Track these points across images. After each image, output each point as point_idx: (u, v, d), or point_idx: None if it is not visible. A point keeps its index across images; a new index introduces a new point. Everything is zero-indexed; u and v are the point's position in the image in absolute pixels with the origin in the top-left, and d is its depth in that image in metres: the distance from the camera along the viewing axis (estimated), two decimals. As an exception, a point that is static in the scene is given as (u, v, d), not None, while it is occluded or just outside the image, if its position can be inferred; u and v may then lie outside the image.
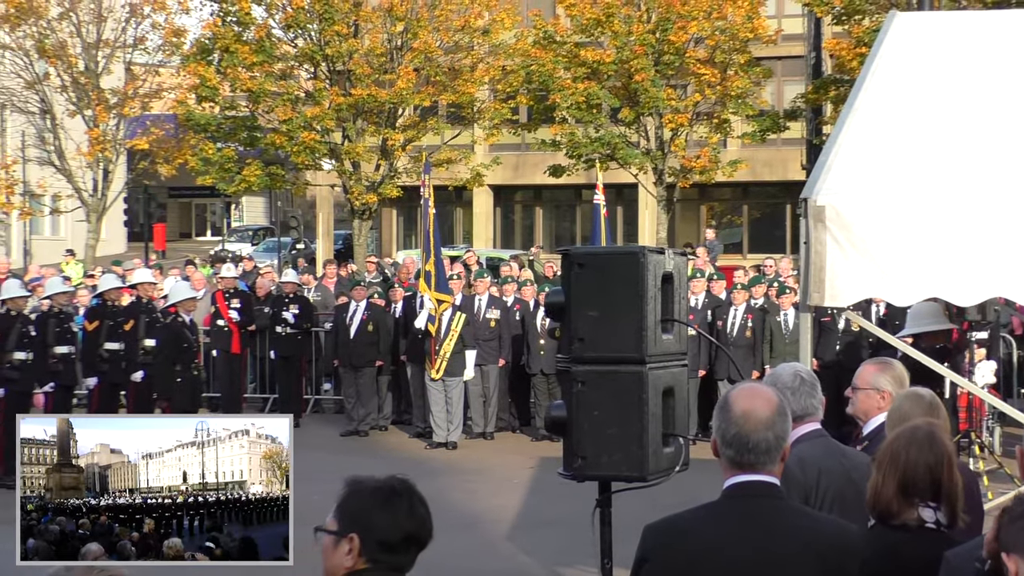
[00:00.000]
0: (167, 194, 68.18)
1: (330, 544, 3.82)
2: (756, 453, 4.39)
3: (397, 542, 3.80)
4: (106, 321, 18.56)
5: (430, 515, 3.88)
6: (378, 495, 3.82)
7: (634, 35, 36.79)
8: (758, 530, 4.36)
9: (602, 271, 7.17)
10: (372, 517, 3.79)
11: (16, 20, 42.08)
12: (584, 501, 7.72)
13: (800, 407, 5.92)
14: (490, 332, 20.50)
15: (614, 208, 48.26)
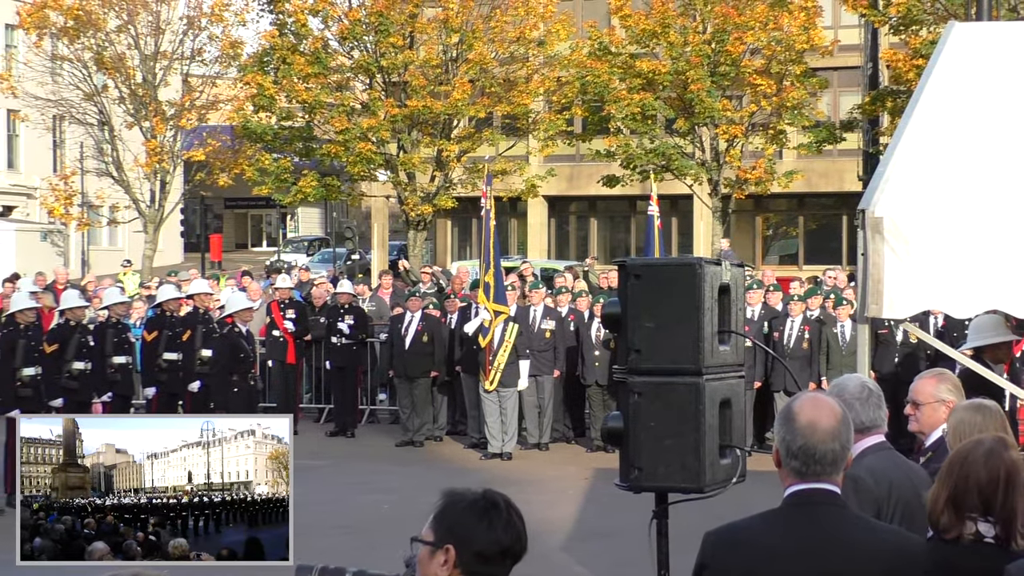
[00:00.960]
0: (223, 205, 68.65)
1: (426, 555, 3.82)
2: (823, 464, 4.37)
3: (493, 555, 3.79)
4: (164, 331, 18.68)
5: (525, 529, 3.87)
6: (476, 508, 3.82)
7: (690, 46, 36.73)
8: (819, 538, 4.34)
9: (659, 282, 7.15)
10: (469, 529, 3.79)
11: (75, 32, 42.46)
12: (640, 512, 7.69)
13: (869, 419, 5.88)
14: (545, 343, 20.48)
15: (669, 219, 48.14)
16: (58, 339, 17.26)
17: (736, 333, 7.34)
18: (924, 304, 9.44)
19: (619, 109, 36.95)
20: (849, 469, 4.53)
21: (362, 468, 18.86)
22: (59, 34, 43.16)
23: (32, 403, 16.56)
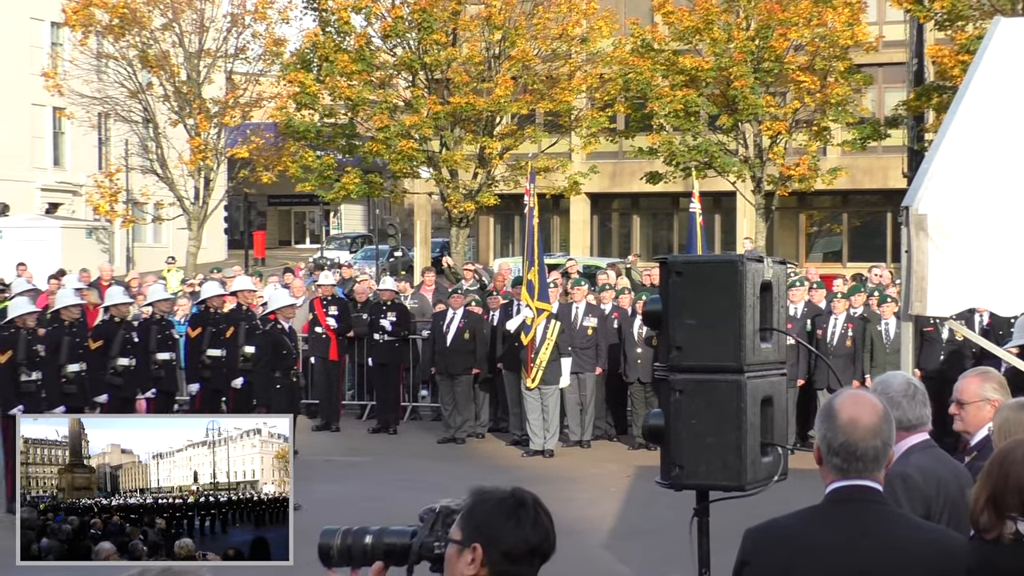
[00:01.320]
0: (267, 202, 68.89)
1: (454, 553, 3.81)
2: (864, 461, 4.35)
3: (521, 554, 3.77)
4: (208, 328, 18.76)
5: (554, 528, 3.86)
6: (503, 506, 3.80)
7: (733, 42, 36.63)
8: (861, 534, 4.32)
9: (700, 279, 7.13)
10: (497, 528, 3.77)
11: (120, 31, 42.69)
12: (681, 510, 7.68)
13: (915, 416, 5.84)
14: (587, 340, 20.45)
15: (712, 216, 48.02)
16: (103, 336, 17.37)
17: (778, 331, 7.32)
18: (968, 302, 9.39)
19: (662, 106, 36.88)
20: (896, 467, 4.51)
21: (404, 465, 18.89)
22: (104, 32, 43.39)
23: (77, 399, 16.67)
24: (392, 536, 4.07)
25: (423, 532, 3.95)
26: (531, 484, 14.14)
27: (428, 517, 3.96)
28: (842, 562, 4.29)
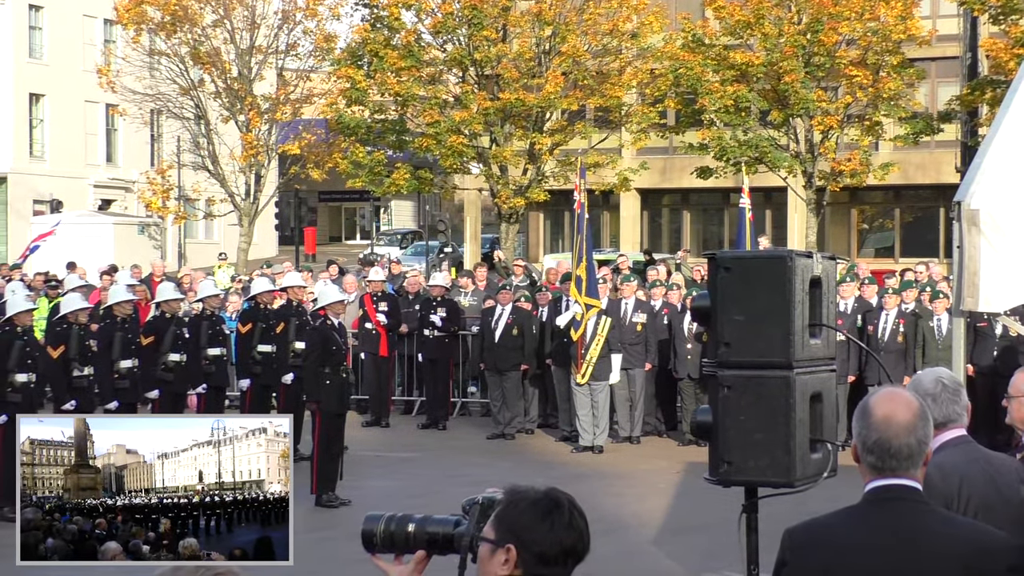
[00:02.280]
0: (317, 198, 69.15)
1: (487, 553, 3.79)
2: (898, 459, 4.32)
3: (555, 555, 3.75)
4: (258, 324, 18.82)
5: (588, 528, 3.83)
6: (538, 507, 3.77)
7: (784, 37, 36.45)
8: (899, 534, 4.29)
9: (749, 275, 7.10)
10: (531, 529, 3.74)
11: (172, 28, 42.97)
12: (730, 506, 7.66)
13: (942, 414, 5.78)
14: (636, 336, 20.41)
15: (762, 212, 47.82)
16: (154, 331, 17.47)
17: (827, 326, 7.28)
18: (1021, 297, 9.31)
19: (712, 101, 36.75)
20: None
21: (453, 461, 18.92)
22: (156, 29, 43.68)
23: (129, 395, 16.79)
24: (435, 525, 4.07)
25: (471, 524, 3.94)
26: (580, 480, 14.20)
27: (473, 509, 3.95)
28: (879, 561, 4.27)
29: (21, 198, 55.70)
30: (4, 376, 15.15)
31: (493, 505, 3.86)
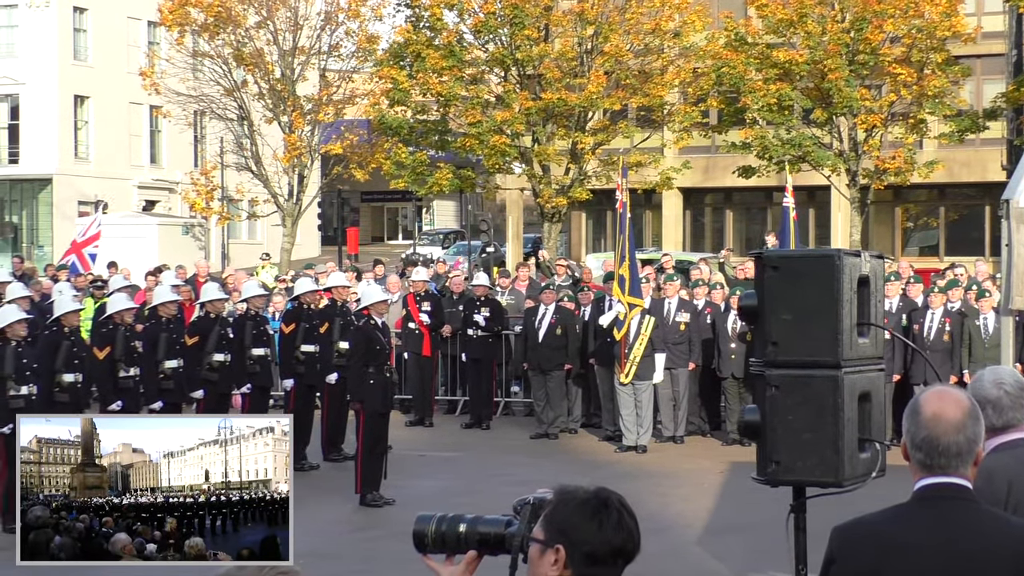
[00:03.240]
0: (360, 198, 69.30)
1: (536, 553, 3.78)
2: (947, 456, 4.29)
3: (604, 555, 3.74)
4: (302, 324, 18.86)
5: (638, 528, 3.82)
6: (586, 507, 3.76)
7: (827, 35, 36.28)
8: (948, 532, 4.26)
9: (797, 274, 7.08)
10: (579, 529, 3.73)
11: (215, 29, 43.11)
12: (777, 506, 7.62)
13: (1002, 420, 5.72)
14: (680, 335, 20.36)
15: (806, 210, 47.65)
16: (199, 332, 17.53)
17: (875, 325, 7.24)
18: (1071, 296, 9.23)
19: (755, 100, 36.62)
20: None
21: (497, 460, 18.92)
22: (200, 31, 43.84)
23: (174, 395, 16.86)
24: (486, 525, 4.06)
25: (522, 524, 3.94)
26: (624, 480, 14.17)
27: (524, 509, 3.94)
28: (931, 560, 4.24)
29: (67, 199, 56.09)
30: (52, 376, 15.24)
31: (544, 505, 3.85)
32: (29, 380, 14.88)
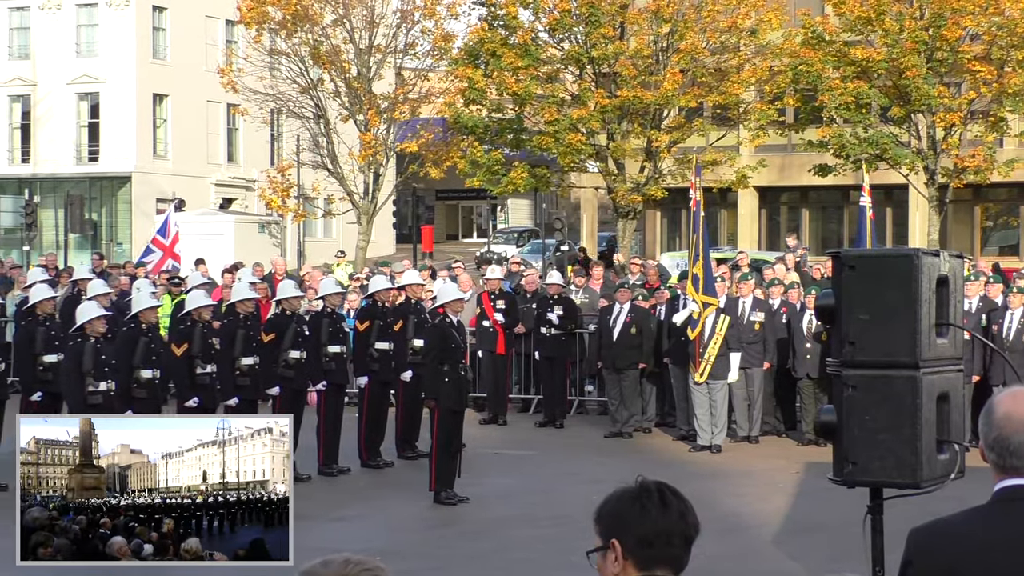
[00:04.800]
0: (435, 196, 69.51)
1: (600, 559, 3.82)
2: (1019, 456, 4.24)
3: (654, 537, 3.76)
4: (376, 321, 18.92)
5: (690, 508, 3.83)
6: (627, 495, 3.82)
7: (905, 32, 35.98)
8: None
9: (874, 273, 7.02)
10: (624, 516, 3.78)
11: (292, 27, 43.38)
12: (853, 507, 7.57)
13: None
14: (754, 335, 20.26)
15: (883, 209, 47.27)
16: (275, 329, 17.62)
17: (954, 326, 7.17)
18: None
19: (832, 98, 36.39)
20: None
21: (571, 459, 18.90)
22: (277, 29, 44.13)
23: (250, 392, 16.97)
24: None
25: None
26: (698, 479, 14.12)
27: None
28: (1007, 562, 4.19)
29: (145, 197, 56.66)
30: (130, 373, 15.39)
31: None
32: (107, 376, 15.06)
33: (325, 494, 16.49)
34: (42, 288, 17.69)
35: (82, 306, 15.84)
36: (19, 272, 27.43)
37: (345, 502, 16.10)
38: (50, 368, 16.69)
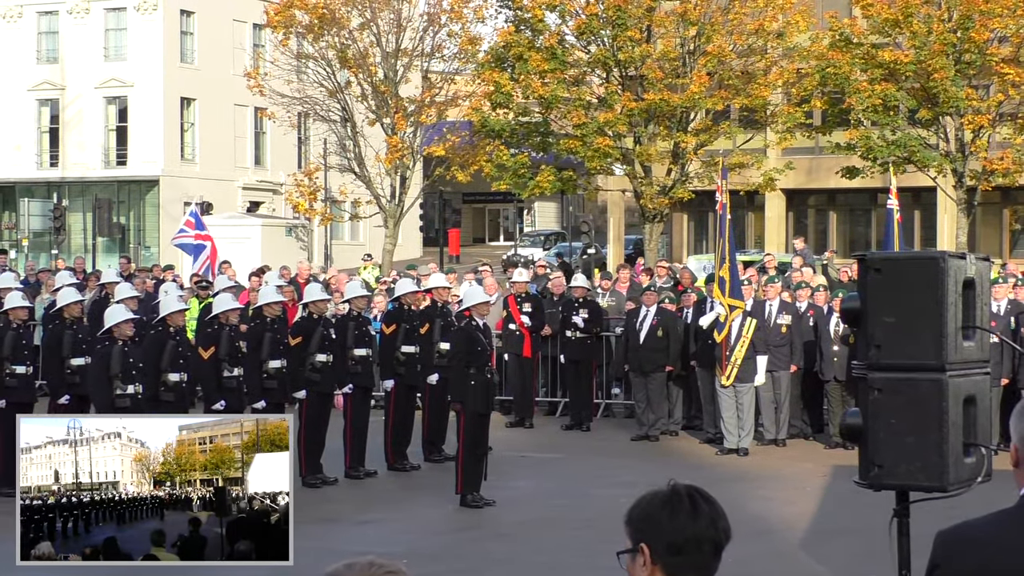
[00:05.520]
0: (461, 199, 69.58)
1: (629, 562, 3.81)
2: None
3: (683, 543, 3.74)
4: (403, 324, 18.95)
5: (722, 514, 3.80)
6: (656, 499, 3.79)
7: (933, 34, 35.84)
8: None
9: (900, 276, 7.00)
10: (653, 521, 3.76)
11: (319, 31, 43.46)
12: (880, 510, 7.54)
13: None
14: (781, 338, 20.22)
15: (911, 212, 47.11)
16: (302, 332, 17.65)
17: (981, 328, 7.15)
18: None
19: (860, 100, 36.25)
20: None
21: (597, 462, 18.89)
22: (304, 33, 44.22)
23: (277, 395, 17.00)
24: None
25: None
26: (725, 482, 14.08)
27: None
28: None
29: (173, 200, 56.85)
30: (157, 376, 15.45)
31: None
32: (135, 379, 15.12)
33: (352, 497, 16.54)
34: (70, 291, 17.76)
35: (110, 309, 15.90)
36: (47, 275, 27.53)
37: (372, 505, 16.13)
38: (77, 371, 16.76)
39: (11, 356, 16.33)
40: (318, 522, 14.82)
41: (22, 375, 16.42)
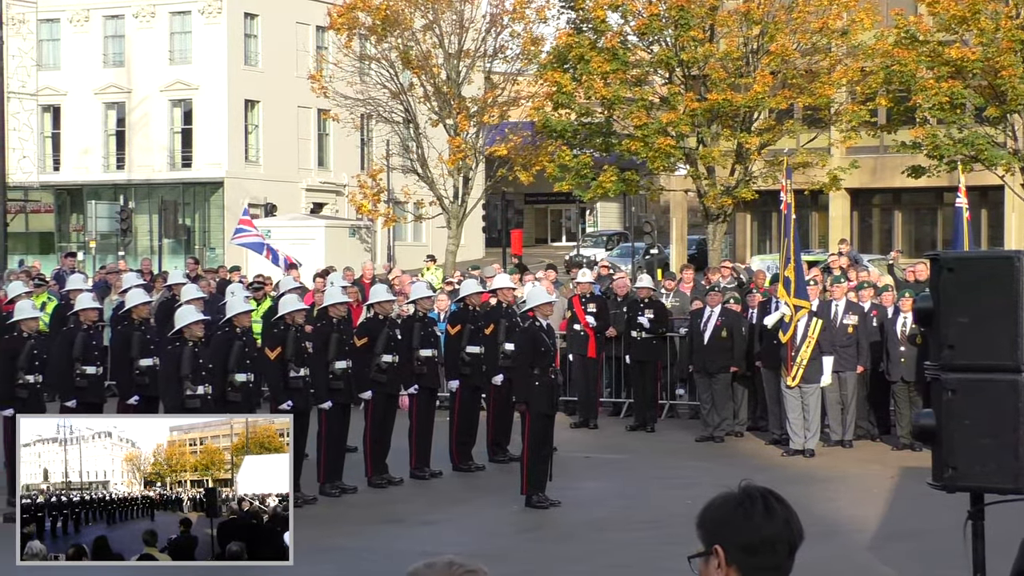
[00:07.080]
0: (524, 200, 69.59)
1: (702, 566, 3.80)
2: None
3: (758, 544, 3.74)
4: (467, 325, 18.97)
5: (794, 515, 3.80)
6: (730, 502, 3.80)
7: (1001, 31, 35.51)
8: None
9: (974, 276, 6.94)
10: (727, 523, 3.76)
11: (382, 32, 43.61)
12: (951, 512, 7.48)
13: None
14: (847, 338, 20.08)
15: (978, 211, 46.69)
16: (367, 333, 17.69)
17: (1056, 329, 7.06)
18: None
19: (926, 98, 35.97)
20: None
21: (662, 463, 18.85)
22: (367, 34, 44.37)
23: (343, 395, 17.04)
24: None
25: None
26: (791, 484, 14.01)
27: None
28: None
29: (237, 202, 57.17)
30: (225, 376, 15.54)
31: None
32: (205, 380, 15.22)
33: (417, 498, 16.57)
34: (138, 293, 17.89)
35: (181, 310, 16.01)
36: (116, 277, 27.76)
37: (437, 505, 16.15)
38: (146, 372, 16.88)
39: (82, 357, 16.45)
40: (383, 522, 14.87)
41: (92, 376, 16.55)
